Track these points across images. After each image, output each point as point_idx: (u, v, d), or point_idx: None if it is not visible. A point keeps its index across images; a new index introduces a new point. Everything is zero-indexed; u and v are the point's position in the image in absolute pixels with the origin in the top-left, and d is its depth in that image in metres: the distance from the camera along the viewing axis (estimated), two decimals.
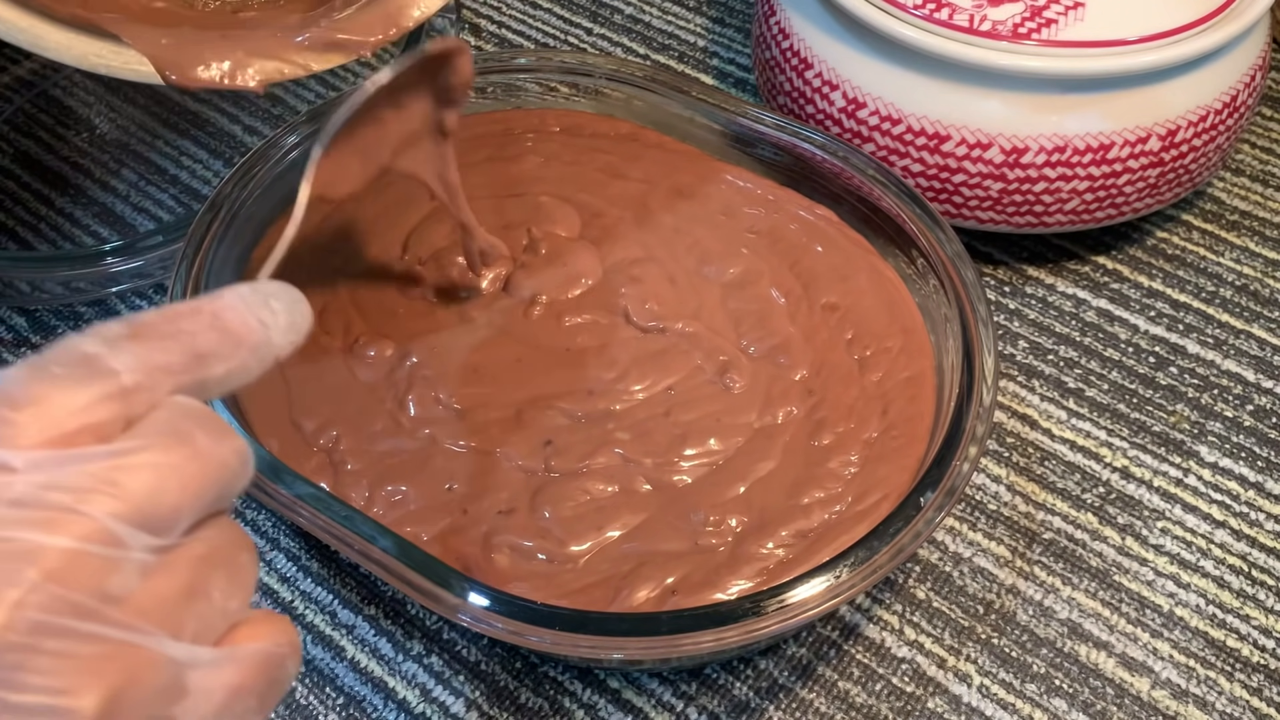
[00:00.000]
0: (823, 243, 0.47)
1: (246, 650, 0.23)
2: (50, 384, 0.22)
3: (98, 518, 0.21)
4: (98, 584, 0.21)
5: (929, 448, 0.40)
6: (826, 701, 0.41)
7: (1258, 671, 0.41)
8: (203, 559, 0.23)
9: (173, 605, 0.22)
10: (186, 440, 0.23)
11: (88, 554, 0.21)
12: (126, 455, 0.22)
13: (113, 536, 0.21)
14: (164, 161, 0.59)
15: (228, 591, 0.23)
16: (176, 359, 0.24)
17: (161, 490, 0.22)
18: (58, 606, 0.20)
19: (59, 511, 0.21)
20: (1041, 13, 0.47)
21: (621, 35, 0.66)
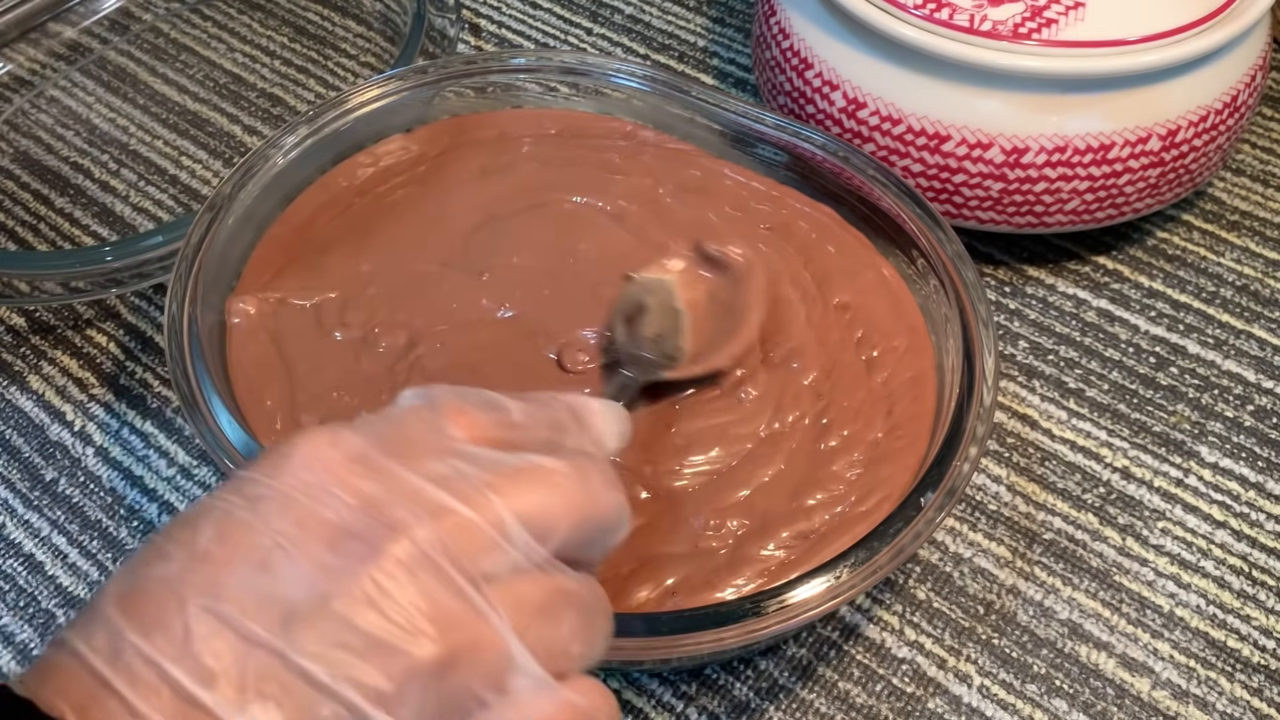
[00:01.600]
0: (831, 241, 0.47)
1: (569, 695, 0.25)
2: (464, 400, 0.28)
3: (496, 505, 0.25)
4: (477, 555, 0.25)
5: (930, 448, 0.40)
6: (827, 702, 0.40)
7: (1258, 672, 0.41)
8: (564, 591, 0.26)
9: (527, 609, 0.25)
10: (584, 477, 0.27)
11: (480, 529, 0.25)
12: (534, 468, 0.26)
13: (502, 525, 0.25)
14: (164, 161, 0.59)
15: (574, 633, 0.26)
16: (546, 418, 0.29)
17: (551, 506, 0.26)
18: (442, 555, 0.24)
19: (471, 489, 0.25)
20: (1042, 13, 0.47)
21: (621, 35, 0.66)
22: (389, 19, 0.67)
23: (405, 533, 0.24)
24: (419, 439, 0.27)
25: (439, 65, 0.51)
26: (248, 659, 0.23)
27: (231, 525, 0.25)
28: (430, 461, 0.26)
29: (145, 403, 0.49)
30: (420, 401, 0.28)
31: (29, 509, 0.46)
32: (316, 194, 0.49)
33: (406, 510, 0.25)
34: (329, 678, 0.23)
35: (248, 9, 0.68)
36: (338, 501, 0.25)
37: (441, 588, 0.24)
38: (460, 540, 0.24)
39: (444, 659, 0.24)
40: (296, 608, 0.23)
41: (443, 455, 0.26)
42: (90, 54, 0.65)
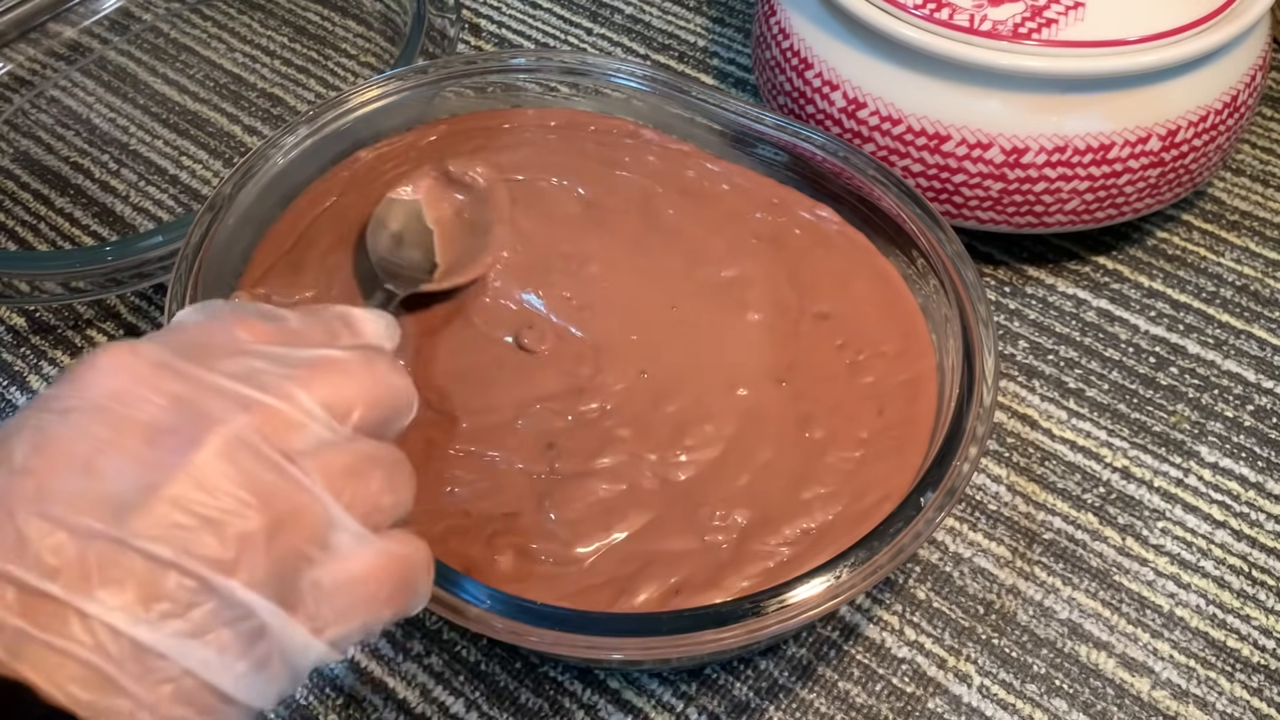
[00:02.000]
0: (824, 245, 0.47)
1: (387, 545, 0.28)
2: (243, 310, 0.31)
3: (295, 393, 0.27)
4: (286, 436, 0.27)
5: (930, 448, 0.40)
6: (827, 702, 0.40)
7: (1258, 672, 0.41)
8: (367, 454, 0.28)
9: (337, 473, 0.27)
10: (372, 364, 0.30)
11: (285, 413, 0.27)
12: (326, 359, 0.29)
13: (304, 408, 0.27)
14: (164, 161, 0.59)
15: (383, 488, 0.28)
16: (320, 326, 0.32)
17: (345, 390, 0.29)
18: (255, 437, 0.26)
19: (271, 381, 0.27)
20: (1042, 13, 0.47)
21: (621, 35, 0.66)
22: (389, 19, 0.67)
23: (218, 423, 0.26)
24: (212, 344, 0.29)
25: (439, 65, 0.51)
26: (87, 550, 0.24)
27: (46, 438, 0.26)
28: (228, 362, 0.28)
29: None
30: (201, 316, 0.30)
31: None
32: (316, 193, 0.49)
33: (216, 404, 0.27)
34: (170, 553, 0.24)
35: (248, 9, 0.68)
36: (149, 404, 0.26)
37: (258, 466, 0.26)
38: (269, 425, 0.27)
39: (270, 524, 0.26)
40: (126, 499, 0.25)
41: (237, 356, 0.28)
42: (90, 54, 0.65)
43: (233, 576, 0.25)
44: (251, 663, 0.26)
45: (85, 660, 0.24)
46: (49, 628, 0.24)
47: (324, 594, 0.27)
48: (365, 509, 0.28)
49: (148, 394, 0.26)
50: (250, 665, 0.26)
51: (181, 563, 0.24)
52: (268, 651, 0.26)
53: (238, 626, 0.25)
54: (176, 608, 0.24)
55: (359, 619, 0.28)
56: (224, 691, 0.25)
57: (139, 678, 0.24)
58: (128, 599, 0.24)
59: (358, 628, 0.28)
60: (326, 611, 0.27)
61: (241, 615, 0.25)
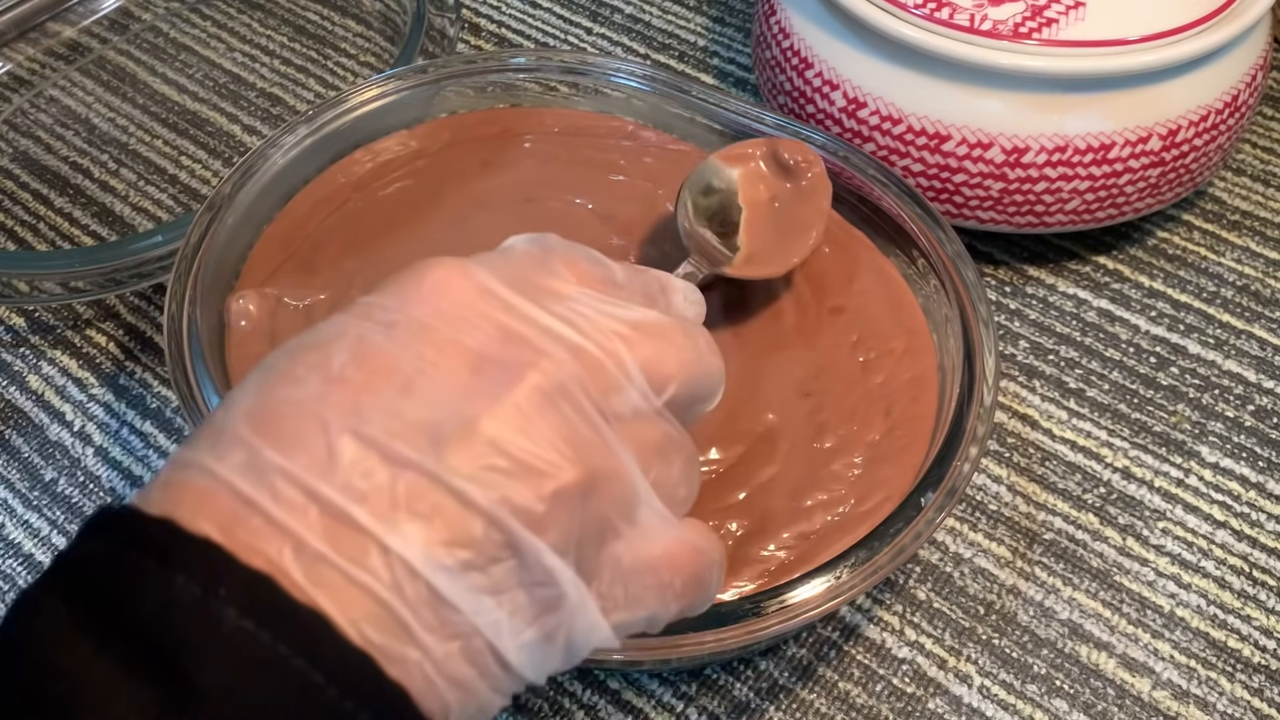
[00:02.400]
0: (828, 242, 0.47)
1: (686, 533, 0.27)
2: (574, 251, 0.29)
3: (621, 351, 0.26)
4: (605, 391, 0.25)
5: (930, 448, 0.40)
6: (827, 702, 0.40)
7: (1259, 672, 0.41)
8: (674, 437, 0.27)
9: (646, 448, 0.26)
10: (695, 338, 0.28)
11: (608, 369, 0.26)
12: (653, 321, 0.27)
13: (625, 366, 0.26)
14: (164, 161, 0.59)
15: (683, 476, 0.27)
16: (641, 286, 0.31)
17: (667, 359, 0.27)
18: (578, 388, 0.25)
19: (597, 331, 0.26)
20: (1042, 12, 0.47)
21: (621, 35, 0.66)
22: (389, 19, 0.67)
23: (545, 362, 0.24)
24: (538, 280, 0.27)
25: (439, 65, 0.51)
26: (398, 479, 0.22)
27: (367, 349, 0.24)
28: (555, 302, 0.26)
29: (145, 403, 0.49)
30: (535, 246, 0.29)
31: (29, 509, 0.46)
32: (315, 192, 0.49)
33: (544, 343, 0.25)
34: (483, 498, 0.23)
35: (247, 9, 0.68)
36: (477, 330, 0.25)
37: (579, 418, 0.24)
38: (592, 378, 0.25)
39: (585, 484, 0.24)
40: (444, 429, 0.23)
41: (563, 298, 0.27)
42: (90, 54, 0.65)
43: (542, 536, 0.23)
44: (539, 633, 0.24)
45: (381, 598, 0.22)
46: (350, 556, 0.22)
47: (621, 572, 0.25)
48: (665, 494, 0.26)
49: (475, 319, 0.25)
50: (537, 635, 0.24)
51: (493, 511, 0.23)
52: (558, 623, 0.24)
53: (535, 592, 0.23)
54: (479, 559, 0.23)
55: (648, 607, 0.26)
56: (506, 658, 0.23)
57: (432, 628, 0.22)
58: (432, 539, 0.22)
59: (644, 617, 0.26)
60: (619, 592, 0.25)
61: (541, 580, 0.23)
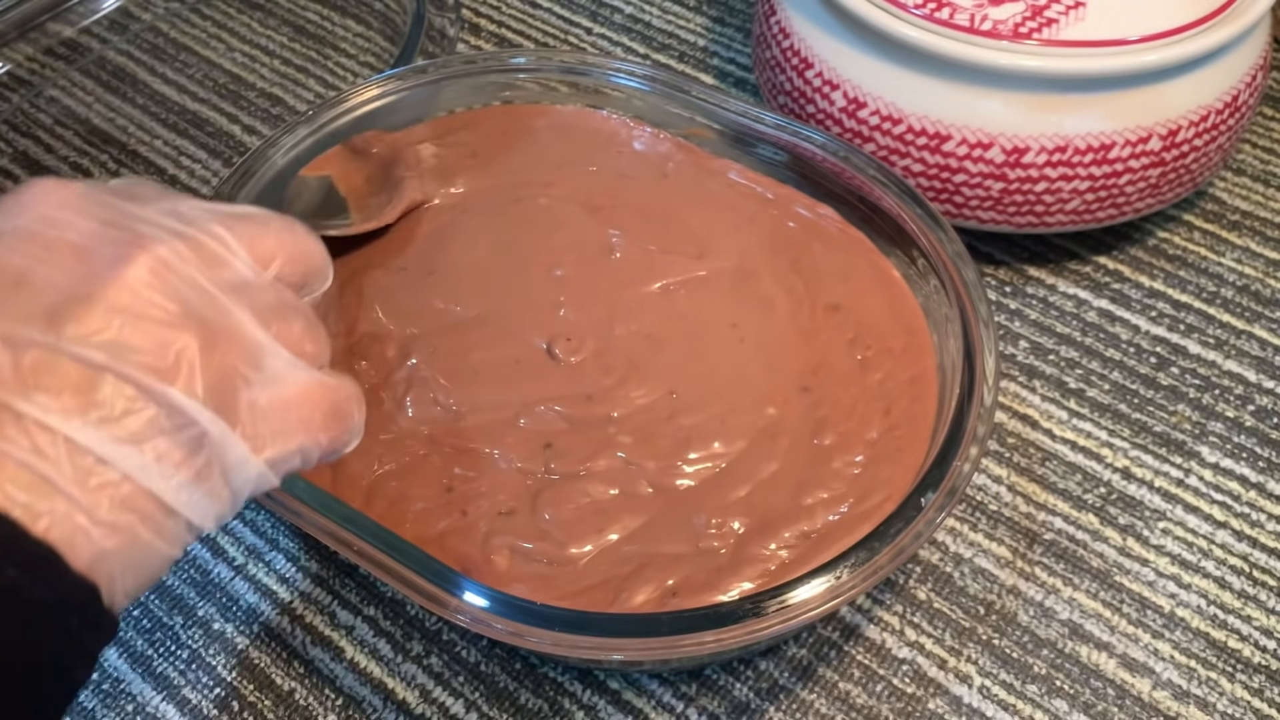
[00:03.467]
0: (824, 241, 0.47)
1: (317, 374, 0.30)
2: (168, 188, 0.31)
3: (221, 232, 0.29)
4: (211, 264, 0.28)
5: (930, 448, 0.40)
6: (827, 702, 0.40)
7: (1259, 672, 0.41)
8: (288, 302, 0.30)
9: (261, 309, 0.28)
10: (292, 225, 0.31)
11: (212, 248, 0.28)
12: (248, 213, 0.30)
13: (228, 244, 0.29)
14: (164, 161, 0.59)
15: (306, 334, 0.30)
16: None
17: (267, 239, 0.30)
18: (185, 263, 0.27)
19: (197, 220, 0.28)
20: (1042, 12, 0.47)
21: (621, 35, 0.66)
22: (389, 19, 0.67)
23: (149, 242, 0.27)
24: (134, 192, 0.29)
25: (439, 65, 0.51)
26: (22, 357, 0.24)
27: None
28: (155, 204, 0.28)
29: None
30: (128, 179, 0.31)
31: None
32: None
33: (145, 229, 0.27)
34: (105, 358, 0.25)
35: (247, 9, 0.68)
36: (78, 226, 0.27)
37: (189, 289, 0.27)
38: (199, 254, 0.28)
39: (205, 339, 0.26)
40: (60, 309, 0.25)
41: (160, 200, 0.29)
42: (90, 54, 0.65)
43: (171, 384, 0.25)
44: (191, 473, 0.26)
45: (21, 460, 0.24)
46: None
47: (260, 412, 0.27)
48: (290, 345, 0.29)
49: (75, 218, 0.27)
50: (190, 476, 0.26)
51: (117, 368, 0.25)
52: (207, 463, 0.26)
53: (176, 436, 0.26)
54: (113, 413, 0.25)
55: (295, 440, 0.28)
56: (164, 501, 0.26)
57: (76, 481, 0.24)
58: (65, 404, 0.24)
59: (294, 449, 0.28)
60: (264, 430, 0.28)
61: (181, 424, 0.26)
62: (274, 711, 0.41)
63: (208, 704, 0.41)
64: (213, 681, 0.42)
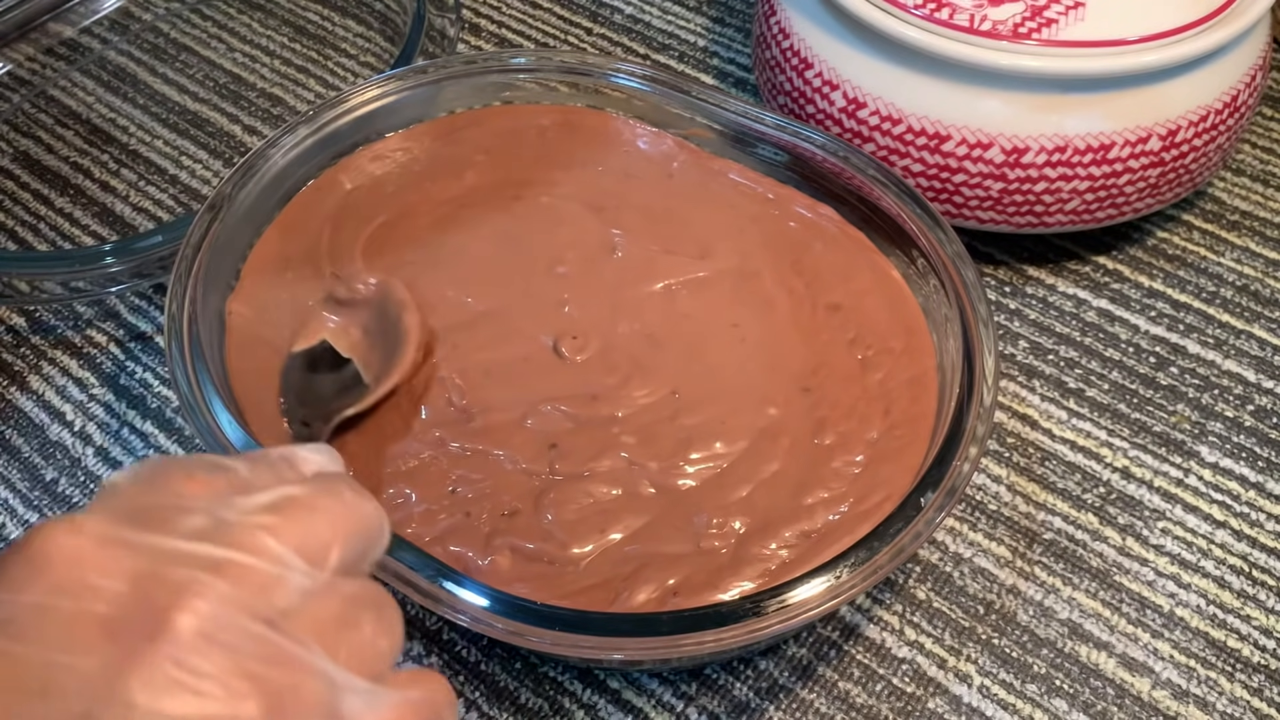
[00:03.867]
0: (824, 241, 0.47)
1: (401, 693, 0.25)
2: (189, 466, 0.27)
3: (266, 543, 0.24)
4: (264, 593, 0.24)
5: (930, 448, 0.40)
6: (827, 702, 0.40)
7: (1258, 672, 0.41)
8: (353, 597, 0.26)
9: (328, 627, 0.24)
10: (337, 493, 0.27)
11: (261, 569, 0.24)
12: (288, 499, 0.26)
13: (279, 558, 0.24)
14: (164, 161, 0.59)
15: (377, 630, 0.26)
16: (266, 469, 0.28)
17: (319, 529, 0.26)
18: (233, 606, 0.23)
19: (238, 533, 0.24)
20: (1042, 12, 0.47)
21: (621, 35, 0.66)
22: (389, 19, 0.67)
23: (188, 595, 0.23)
24: (159, 504, 0.25)
25: (439, 65, 0.51)
26: None
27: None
28: (184, 521, 0.24)
29: (145, 403, 0.49)
30: (140, 475, 0.26)
31: (29, 509, 0.46)
32: (315, 192, 0.49)
33: (180, 574, 0.23)
34: None
35: (248, 9, 0.68)
36: (103, 591, 0.22)
37: (243, 640, 0.23)
38: (245, 587, 0.23)
39: (270, 709, 0.22)
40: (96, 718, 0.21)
41: (193, 513, 0.25)
42: (90, 54, 0.65)
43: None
44: None
45: None
46: None
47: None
48: (364, 660, 0.25)
49: (99, 579, 0.23)
50: None
51: None
52: None
53: None
54: None
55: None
56: None
57: None
58: None
59: None
60: None
61: None
62: None
63: None
64: None
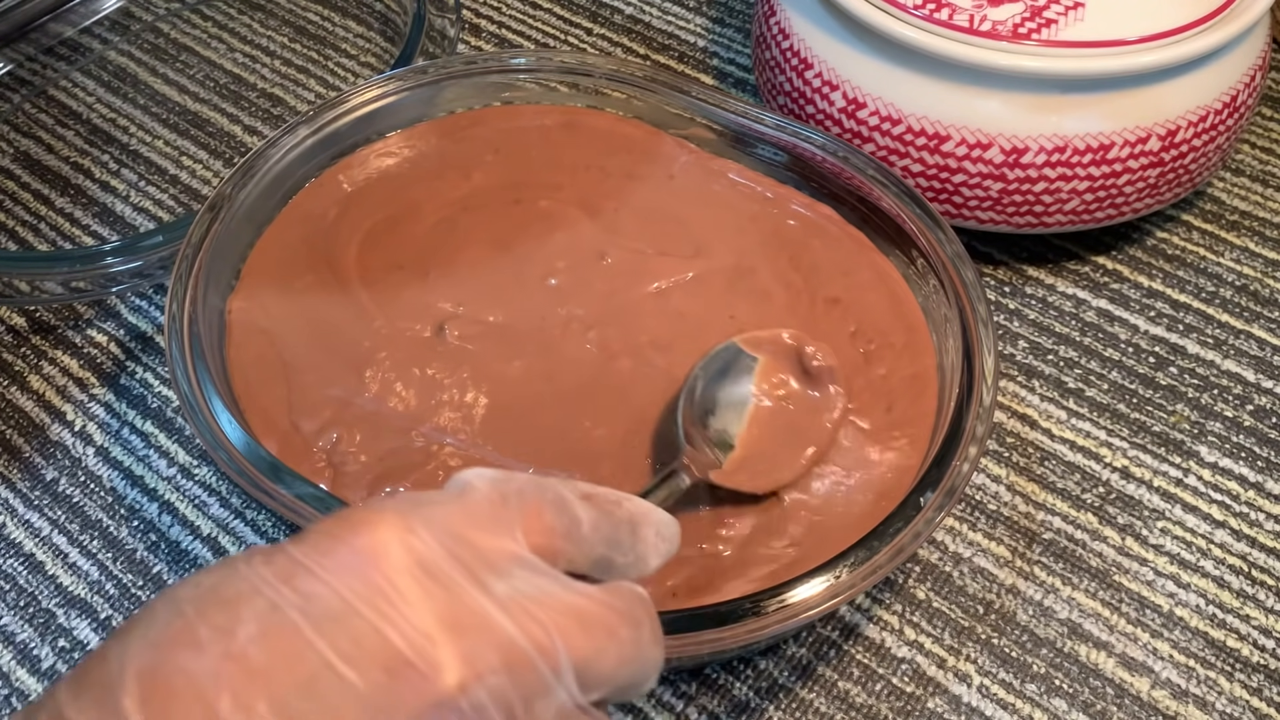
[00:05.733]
0: (824, 240, 0.47)
1: None
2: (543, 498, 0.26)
3: (557, 649, 0.23)
4: (529, 696, 0.23)
5: (930, 447, 0.40)
6: (826, 702, 0.41)
7: (1258, 671, 0.41)
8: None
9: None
10: (638, 626, 0.25)
11: (538, 671, 0.23)
12: (599, 613, 0.25)
13: (558, 664, 0.23)
14: (164, 161, 0.59)
15: None
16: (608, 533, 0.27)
17: (604, 655, 0.24)
18: (500, 695, 0.22)
19: (535, 624, 0.23)
20: (1041, 13, 0.47)
21: (621, 35, 0.66)
22: (389, 19, 0.67)
23: (468, 668, 0.22)
24: (487, 543, 0.25)
25: (439, 65, 0.51)
26: None
27: (277, 625, 0.22)
28: (497, 578, 0.24)
29: (145, 403, 0.49)
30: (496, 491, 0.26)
31: (29, 509, 0.46)
32: (315, 192, 0.49)
33: (472, 642, 0.23)
34: None
35: (248, 9, 0.68)
36: (402, 622, 0.22)
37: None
38: (519, 678, 0.23)
39: None
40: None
41: (509, 568, 0.24)
42: (90, 54, 0.65)
43: None
44: None
45: None
46: None
47: None
48: None
49: (404, 607, 0.22)
50: None
51: None
52: None
53: None
54: None
55: None
56: None
57: None
58: None
59: None
60: None
61: None
62: None
63: None
64: None
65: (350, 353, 0.44)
